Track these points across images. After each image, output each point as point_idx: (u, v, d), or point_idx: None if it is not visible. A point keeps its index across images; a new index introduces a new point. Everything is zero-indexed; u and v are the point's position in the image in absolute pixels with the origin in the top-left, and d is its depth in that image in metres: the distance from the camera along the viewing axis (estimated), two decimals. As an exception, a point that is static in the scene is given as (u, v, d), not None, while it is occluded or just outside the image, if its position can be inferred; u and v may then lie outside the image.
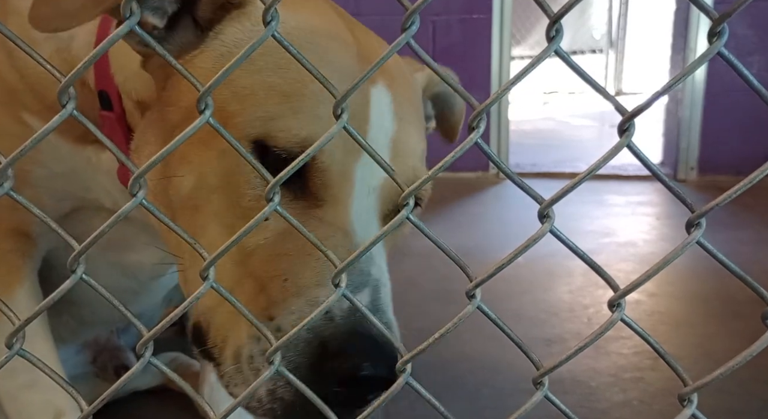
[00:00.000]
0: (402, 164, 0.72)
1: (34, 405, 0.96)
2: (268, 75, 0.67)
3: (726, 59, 0.44)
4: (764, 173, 0.43)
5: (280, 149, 0.65)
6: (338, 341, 0.60)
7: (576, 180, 0.45)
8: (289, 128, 0.65)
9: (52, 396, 0.96)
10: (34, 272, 0.98)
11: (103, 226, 0.47)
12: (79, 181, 0.93)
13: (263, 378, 0.51)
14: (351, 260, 0.50)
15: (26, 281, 0.96)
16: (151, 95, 0.78)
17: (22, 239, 0.96)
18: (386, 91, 0.73)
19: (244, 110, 0.66)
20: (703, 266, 2.06)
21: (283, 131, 0.65)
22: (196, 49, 0.71)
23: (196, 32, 0.72)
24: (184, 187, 0.69)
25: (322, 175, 0.67)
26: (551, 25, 0.43)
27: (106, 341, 1.41)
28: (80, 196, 0.94)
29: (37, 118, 0.88)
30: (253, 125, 0.66)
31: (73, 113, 0.47)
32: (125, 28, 0.46)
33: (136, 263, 1.06)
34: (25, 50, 0.47)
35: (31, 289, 0.97)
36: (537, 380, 0.51)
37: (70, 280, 0.48)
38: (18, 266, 0.95)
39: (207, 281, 0.49)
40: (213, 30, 0.71)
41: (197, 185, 0.68)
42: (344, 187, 0.68)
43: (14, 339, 0.49)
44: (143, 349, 0.50)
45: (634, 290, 0.46)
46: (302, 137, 0.65)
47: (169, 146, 0.47)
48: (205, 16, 0.71)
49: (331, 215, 0.67)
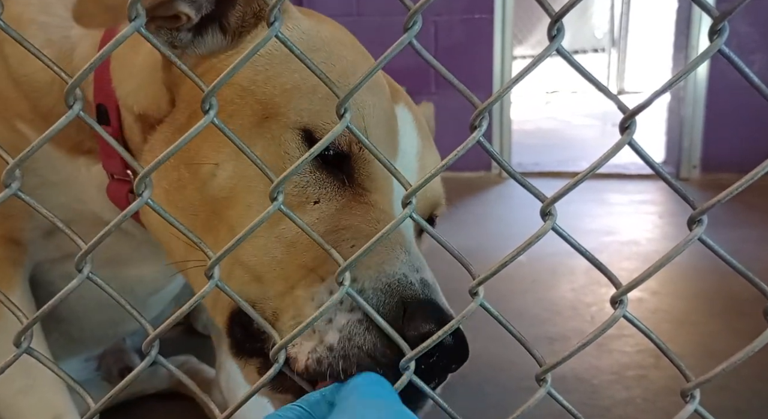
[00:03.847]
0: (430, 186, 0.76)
1: (31, 409, 0.96)
2: (309, 74, 0.68)
3: (727, 57, 0.44)
4: (765, 169, 0.43)
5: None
6: (417, 304, 0.60)
7: (578, 178, 0.46)
8: (335, 122, 0.65)
9: (49, 400, 0.96)
10: (25, 280, 0.97)
11: (110, 225, 0.48)
12: (72, 192, 0.91)
13: (272, 373, 0.51)
14: (355, 258, 0.50)
15: (18, 289, 0.95)
16: (158, 109, 0.77)
17: (12, 246, 0.94)
18: (407, 110, 0.77)
19: (289, 101, 0.69)
20: (706, 264, 2.06)
21: (328, 125, 0.67)
22: (230, 49, 0.72)
23: (224, 37, 0.73)
24: (219, 176, 0.69)
25: (368, 166, 0.70)
26: (552, 24, 0.44)
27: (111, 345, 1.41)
28: (74, 208, 0.93)
29: (30, 127, 0.86)
30: (301, 114, 0.68)
31: (80, 113, 0.47)
32: (130, 29, 0.46)
33: (135, 277, 1.05)
34: (34, 54, 0.48)
35: (24, 297, 0.95)
36: (540, 377, 0.51)
37: (77, 279, 0.49)
38: (9, 275, 0.94)
39: (212, 279, 0.49)
40: (250, 34, 0.72)
41: (234, 174, 0.68)
42: (386, 180, 0.71)
43: (22, 338, 0.49)
44: (149, 348, 0.50)
45: (636, 287, 0.46)
46: (347, 133, 0.66)
47: (175, 144, 0.47)
48: (236, 23, 0.72)
49: (378, 201, 0.70)
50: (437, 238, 0.50)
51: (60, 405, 0.97)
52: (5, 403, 0.96)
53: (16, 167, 0.47)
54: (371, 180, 0.70)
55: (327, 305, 0.51)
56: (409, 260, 0.64)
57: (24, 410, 0.96)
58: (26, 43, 0.47)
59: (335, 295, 0.51)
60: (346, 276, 0.51)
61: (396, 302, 0.59)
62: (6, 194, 0.48)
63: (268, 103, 0.69)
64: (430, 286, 0.63)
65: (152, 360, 0.49)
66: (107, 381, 1.36)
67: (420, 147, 0.77)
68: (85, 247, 0.49)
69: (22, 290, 0.96)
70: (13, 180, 0.47)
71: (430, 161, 0.78)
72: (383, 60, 0.47)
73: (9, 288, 0.93)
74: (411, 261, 0.64)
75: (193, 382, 0.54)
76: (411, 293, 0.60)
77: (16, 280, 0.95)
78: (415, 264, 0.64)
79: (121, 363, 1.39)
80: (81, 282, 0.49)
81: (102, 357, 1.39)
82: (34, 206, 0.49)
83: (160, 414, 1.37)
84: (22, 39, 0.47)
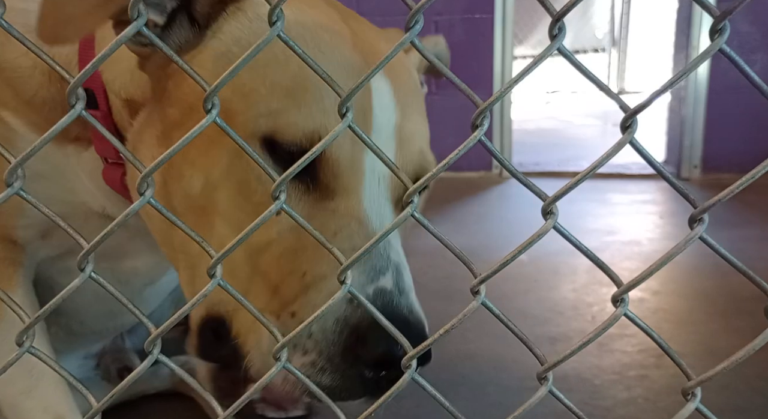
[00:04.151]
0: (409, 151, 0.73)
1: (33, 411, 0.95)
2: (269, 71, 0.67)
3: (728, 56, 0.44)
4: (766, 168, 0.43)
5: (288, 143, 0.65)
6: (367, 326, 0.60)
7: (579, 177, 0.46)
8: (295, 122, 0.65)
9: (51, 401, 0.95)
10: (27, 280, 0.96)
11: (112, 224, 0.48)
12: (62, 181, 0.90)
13: (270, 375, 0.52)
14: (355, 259, 0.50)
15: (19, 289, 0.94)
16: (144, 94, 0.77)
17: (9, 246, 0.93)
18: (385, 79, 0.73)
19: (248, 108, 0.67)
20: (707, 264, 2.06)
21: (290, 125, 0.65)
22: (194, 48, 0.71)
23: (193, 30, 0.71)
24: (192, 187, 0.69)
25: (332, 167, 0.67)
26: (554, 24, 0.44)
27: (110, 343, 1.41)
28: (66, 199, 0.91)
29: (13, 114, 0.85)
30: (258, 122, 0.66)
31: (82, 112, 0.47)
32: (133, 29, 0.46)
33: (131, 269, 1.05)
34: (32, 49, 0.48)
35: (27, 297, 0.94)
36: (541, 375, 0.51)
37: (80, 278, 0.49)
38: (9, 275, 0.93)
39: (214, 278, 0.49)
40: (210, 29, 0.71)
41: (206, 185, 0.68)
42: (354, 177, 0.68)
43: (24, 337, 0.49)
44: (152, 346, 0.50)
45: (637, 285, 0.46)
46: (309, 130, 0.65)
47: (177, 144, 0.48)
48: (203, 11, 0.71)
49: (344, 206, 0.68)
50: (439, 236, 0.50)
51: (62, 407, 0.96)
52: (7, 404, 0.96)
53: (18, 166, 0.47)
54: (336, 180, 0.68)
55: (330, 303, 0.51)
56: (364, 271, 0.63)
57: (26, 411, 0.95)
58: (14, 31, 0.47)
59: (338, 293, 0.51)
60: (348, 275, 0.51)
61: (348, 333, 0.61)
62: (8, 194, 0.48)
63: (228, 110, 0.66)
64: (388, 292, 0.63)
65: (154, 359, 0.50)
66: (107, 380, 1.36)
67: (399, 119, 0.72)
68: (87, 246, 0.49)
69: (24, 290, 0.95)
70: (15, 179, 0.47)
71: (410, 130, 0.73)
72: (385, 60, 0.47)
73: (10, 288, 0.93)
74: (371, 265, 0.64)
75: (194, 380, 0.54)
76: (358, 318, 0.61)
77: (17, 280, 0.94)
78: (377, 266, 0.64)
79: (120, 362, 1.39)
80: (83, 281, 0.49)
81: (101, 356, 1.39)
82: (35, 204, 0.50)
83: (160, 415, 1.37)
84: (9, 26, 0.47)
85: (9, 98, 0.85)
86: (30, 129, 0.85)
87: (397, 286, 0.64)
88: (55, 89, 0.84)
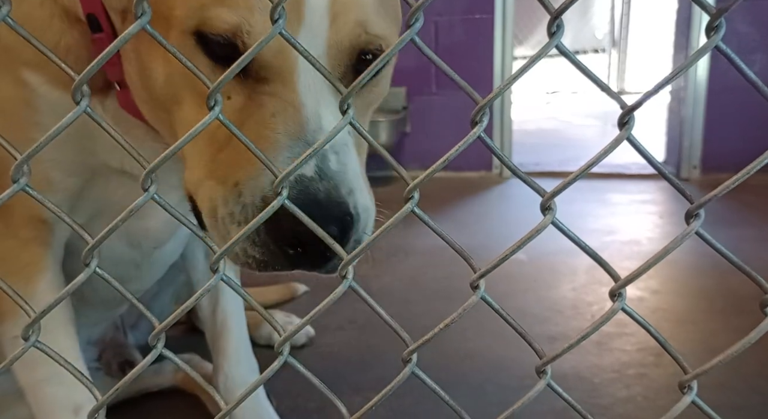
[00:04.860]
0: (344, 23, 0.70)
1: (53, 398, 0.97)
2: None
3: (724, 54, 0.45)
4: (763, 162, 0.44)
5: (215, 35, 0.68)
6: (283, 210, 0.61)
7: (577, 172, 0.46)
8: (218, 15, 0.67)
9: (70, 390, 0.97)
10: (57, 262, 0.97)
11: (116, 220, 0.49)
12: (83, 141, 0.90)
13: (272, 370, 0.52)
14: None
15: (48, 273, 0.95)
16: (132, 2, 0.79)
17: (39, 225, 0.95)
18: None
19: (183, 3, 0.69)
20: (706, 264, 2.07)
21: (214, 18, 0.67)
22: None
23: None
24: (157, 80, 0.74)
25: (258, 58, 0.68)
26: (552, 21, 0.44)
27: (111, 338, 1.42)
28: (87, 163, 0.93)
29: (36, 72, 0.86)
30: (189, 16, 0.68)
31: (87, 110, 0.48)
32: (136, 27, 0.47)
33: (143, 230, 1.07)
34: (36, 46, 0.48)
35: (54, 281, 0.96)
36: (540, 369, 0.52)
37: (84, 273, 0.50)
38: (40, 255, 0.95)
39: (217, 273, 0.50)
40: None
41: (166, 77, 0.73)
42: (285, 62, 0.69)
43: (30, 331, 0.50)
44: (155, 341, 0.51)
45: (634, 279, 0.47)
46: (232, 23, 0.67)
47: (178, 143, 0.48)
48: None
49: (280, 90, 0.69)
50: (439, 232, 0.51)
51: (81, 396, 0.98)
52: (30, 388, 0.98)
53: (24, 163, 0.48)
54: (267, 68, 0.69)
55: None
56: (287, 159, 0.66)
57: (46, 399, 0.97)
58: (20, 30, 0.48)
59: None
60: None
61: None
62: (14, 190, 0.49)
63: (164, 6, 0.69)
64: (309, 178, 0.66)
65: (158, 353, 0.50)
66: (109, 375, 1.37)
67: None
68: (92, 241, 0.49)
69: (53, 274, 0.96)
70: (21, 175, 0.48)
71: (344, 1, 0.69)
72: (385, 56, 0.47)
73: (39, 271, 0.94)
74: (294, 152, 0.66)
75: (198, 375, 0.54)
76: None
77: (46, 263, 0.95)
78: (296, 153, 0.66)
79: (121, 356, 1.40)
80: (88, 276, 0.49)
81: (102, 349, 1.40)
82: (42, 202, 0.50)
83: (162, 412, 1.38)
84: (15, 25, 0.47)
85: (31, 55, 0.84)
86: (52, 86, 0.86)
87: (318, 172, 0.66)
88: (78, 33, 0.85)
